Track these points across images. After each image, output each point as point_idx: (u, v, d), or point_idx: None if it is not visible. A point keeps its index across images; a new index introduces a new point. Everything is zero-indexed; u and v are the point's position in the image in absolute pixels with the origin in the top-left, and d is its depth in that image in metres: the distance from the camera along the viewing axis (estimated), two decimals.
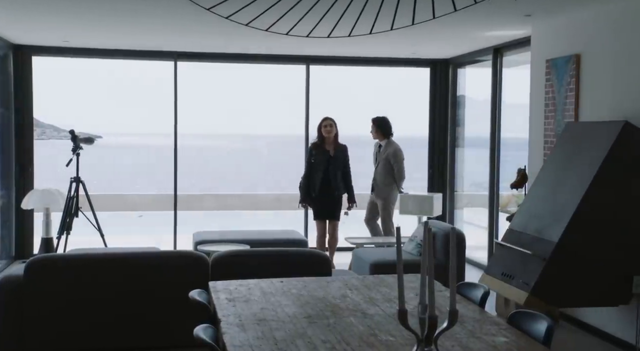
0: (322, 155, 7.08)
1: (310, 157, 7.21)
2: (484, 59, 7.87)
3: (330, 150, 7.11)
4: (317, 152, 7.14)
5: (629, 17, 4.82)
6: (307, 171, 7.20)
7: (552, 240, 4.34)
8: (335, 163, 7.08)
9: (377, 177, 7.54)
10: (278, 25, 3.26)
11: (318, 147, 7.15)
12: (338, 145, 7.15)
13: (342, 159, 7.14)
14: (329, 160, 7.07)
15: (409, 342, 2.44)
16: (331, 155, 7.09)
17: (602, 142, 4.46)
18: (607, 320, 4.95)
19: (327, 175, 7.05)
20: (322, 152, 7.10)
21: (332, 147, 7.11)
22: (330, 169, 7.05)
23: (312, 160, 7.15)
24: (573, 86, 5.44)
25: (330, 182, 7.05)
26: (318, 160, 7.10)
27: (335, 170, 7.07)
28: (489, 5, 4.31)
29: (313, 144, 7.26)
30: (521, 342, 2.56)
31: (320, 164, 7.06)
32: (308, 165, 7.22)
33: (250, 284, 3.47)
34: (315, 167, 7.10)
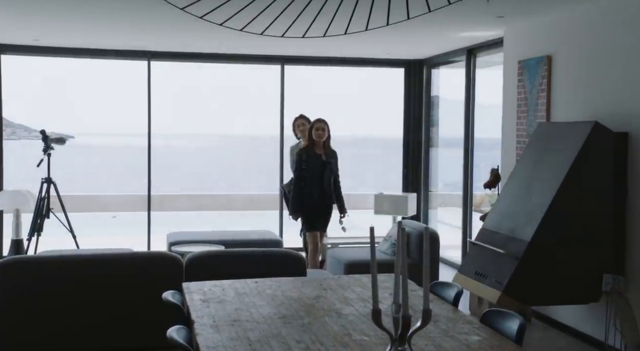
0: (315, 160, 6.33)
1: (300, 162, 6.35)
2: (457, 60, 7.93)
3: (322, 155, 6.38)
4: (308, 157, 6.35)
5: (598, 20, 4.90)
6: (299, 179, 6.36)
7: (524, 240, 4.39)
8: (328, 169, 6.38)
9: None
10: (253, 25, 3.24)
11: (309, 151, 6.37)
12: (329, 150, 6.46)
13: (334, 165, 6.46)
14: (323, 166, 6.35)
15: (383, 341, 2.45)
16: (324, 160, 6.36)
17: (573, 142, 4.53)
18: (577, 318, 5.02)
19: (322, 182, 6.33)
20: (314, 157, 6.34)
21: (323, 151, 6.39)
22: (324, 176, 6.34)
23: (303, 166, 6.32)
24: (545, 87, 5.51)
25: (325, 190, 6.35)
26: (310, 166, 6.33)
27: (329, 176, 6.38)
28: (462, 6, 4.34)
29: (302, 149, 6.42)
30: (494, 341, 2.58)
31: (314, 170, 6.31)
32: (299, 171, 6.35)
33: (224, 285, 3.45)
34: (309, 174, 6.31)
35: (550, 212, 4.37)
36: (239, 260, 4.53)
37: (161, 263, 4.39)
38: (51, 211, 6.91)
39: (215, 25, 3.29)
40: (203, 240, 6.79)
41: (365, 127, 20.84)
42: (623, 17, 4.62)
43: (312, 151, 6.37)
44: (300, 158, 6.36)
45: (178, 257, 4.46)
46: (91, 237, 8.49)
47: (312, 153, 6.36)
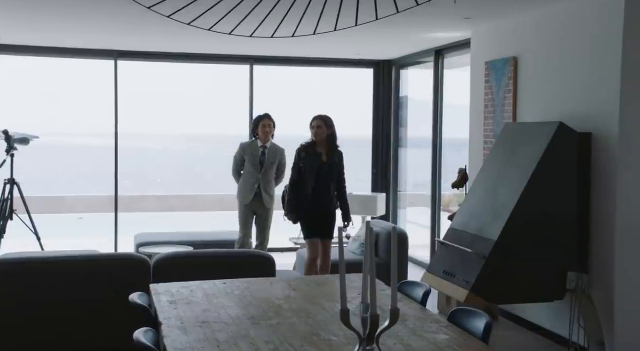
0: (314, 159, 5.75)
1: (298, 161, 5.82)
2: (425, 61, 8.00)
3: (323, 154, 5.79)
4: (307, 156, 5.77)
5: (563, 22, 4.98)
6: (295, 178, 5.81)
7: (491, 239, 4.44)
8: (330, 170, 5.77)
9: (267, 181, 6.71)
10: (221, 25, 3.22)
11: (308, 149, 5.79)
12: (333, 149, 5.81)
13: (337, 168, 5.85)
14: (321, 166, 5.75)
15: (352, 341, 2.46)
16: (323, 160, 5.76)
17: (538, 143, 4.59)
18: (543, 316, 5.10)
19: (320, 184, 5.74)
20: (314, 155, 5.76)
21: (325, 150, 5.79)
22: (323, 177, 5.74)
23: (301, 164, 5.78)
24: (511, 87, 5.59)
25: (323, 193, 5.75)
26: (309, 165, 5.74)
27: (329, 178, 5.77)
28: (430, 7, 4.38)
29: (302, 146, 5.85)
30: (461, 339, 2.61)
31: (313, 171, 5.73)
32: (296, 171, 5.82)
33: (192, 286, 3.42)
34: (306, 174, 5.75)
35: (516, 211, 4.42)
36: (207, 261, 4.50)
37: (128, 265, 4.34)
38: (14, 213, 6.77)
39: (183, 25, 3.26)
40: (171, 241, 6.74)
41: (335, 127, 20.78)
42: (586, 19, 4.70)
43: (312, 149, 5.78)
44: (299, 155, 5.81)
45: (145, 258, 4.41)
46: (56, 239, 8.35)
47: (312, 151, 5.78)
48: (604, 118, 4.48)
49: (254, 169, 6.57)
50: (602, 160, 4.50)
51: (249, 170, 6.60)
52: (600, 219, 4.52)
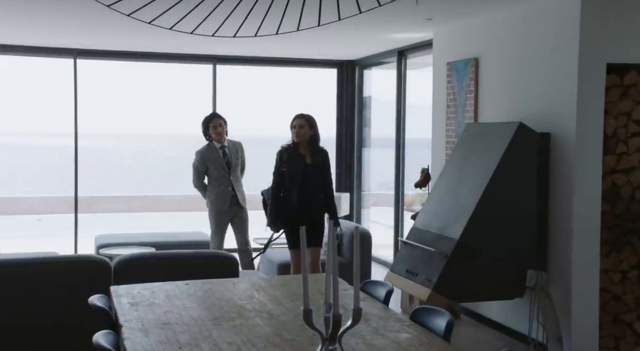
0: (297, 162, 5.31)
1: (280, 164, 5.36)
2: (388, 61, 8.05)
3: (307, 156, 5.35)
4: (290, 158, 5.33)
5: (522, 24, 5.06)
6: (278, 184, 5.37)
7: (453, 238, 4.49)
8: (315, 173, 5.33)
9: (236, 180, 6.47)
10: (183, 24, 3.19)
11: (290, 151, 5.36)
12: (317, 149, 5.39)
13: (323, 169, 5.41)
14: (305, 169, 5.31)
15: (315, 341, 2.46)
16: (307, 162, 5.33)
17: (499, 143, 4.66)
18: (503, 313, 5.17)
19: (305, 189, 5.28)
20: (297, 158, 5.32)
21: (309, 152, 5.35)
22: (308, 181, 5.29)
23: (284, 168, 5.33)
24: (472, 88, 5.66)
25: (310, 198, 5.31)
26: (292, 169, 5.30)
27: (315, 182, 5.33)
28: (392, 8, 4.41)
29: (283, 148, 5.39)
30: (423, 338, 2.63)
31: (296, 174, 5.28)
32: (278, 175, 5.37)
33: (154, 287, 3.38)
34: (290, 179, 5.31)
35: (477, 211, 4.48)
36: (169, 263, 4.44)
37: (88, 267, 4.26)
38: None
39: (144, 24, 3.22)
40: (133, 242, 6.65)
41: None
42: (545, 22, 4.79)
43: (294, 151, 5.34)
44: (280, 158, 5.36)
45: (106, 260, 4.34)
46: (14, 241, 8.18)
47: (295, 153, 5.33)
48: (562, 119, 4.57)
49: (222, 173, 6.29)
50: (561, 160, 4.59)
51: (217, 177, 6.29)
52: (559, 218, 4.61)
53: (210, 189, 6.36)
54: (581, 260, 4.46)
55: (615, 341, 4.58)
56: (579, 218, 4.46)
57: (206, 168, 6.33)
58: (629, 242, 4.56)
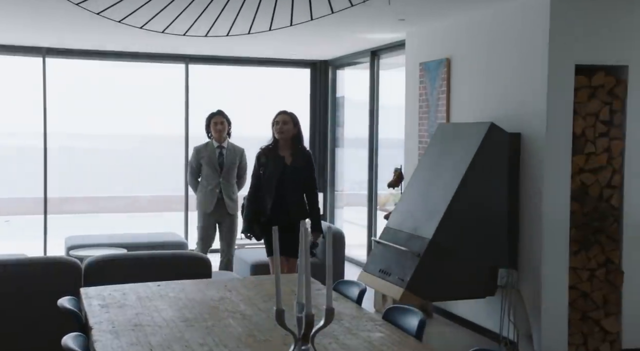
0: (276, 164, 4.91)
1: (258, 167, 4.99)
2: (361, 61, 8.07)
3: (287, 157, 4.94)
4: (268, 160, 4.95)
5: (494, 24, 5.12)
6: (255, 187, 5.00)
7: (425, 237, 4.51)
8: (294, 176, 4.91)
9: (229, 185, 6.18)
10: (154, 23, 3.16)
11: (270, 153, 4.97)
12: (299, 150, 4.98)
13: (305, 171, 4.98)
14: (284, 172, 4.90)
15: (287, 341, 2.45)
16: (286, 164, 4.92)
17: (471, 143, 4.70)
18: (475, 312, 5.22)
19: (282, 193, 4.88)
20: (276, 159, 4.93)
21: (289, 152, 4.95)
22: (286, 184, 4.89)
23: (261, 170, 4.96)
24: (444, 88, 5.70)
25: (289, 203, 4.88)
26: (269, 171, 4.92)
27: (294, 185, 4.91)
28: (365, 8, 4.42)
29: (262, 150, 5.01)
30: (395, 337, 2.64)
31: (275, 177, 4.89)
32: (256, 178, 5.00)
33: (125, 289, 3.35)
34: (266, 181, 4.92)
35: (449, 210, 4.52)
36: (141, 264, 4.40)
37: (58, 269, 4.19)
38: None
39: (115, 22, 3.19)
40: (104, 243, 6.56)
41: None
42: (516, 22, 4.85)
43: (273, 152, 4.95)
44: (258, 160, 4.99)
45: (76, 261, 4.28)
46: None
47: (274, 155, 4.94)
48: (532, 119, 4.63)
49: (213, 173, 6.06)
50: (531, 160, 4.64)
51: (207, 175, 6.08)
52: (529, 217, 4.66)
53: (199, 188, 6.17)
54: (551, 258, 4.52)
55: (584, 338, 4.65)
56: (549, 217, 4.52)
57: (200, 165, 6.13)
58: (597, 241, 4.64)
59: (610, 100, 4.62)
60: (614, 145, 4.62)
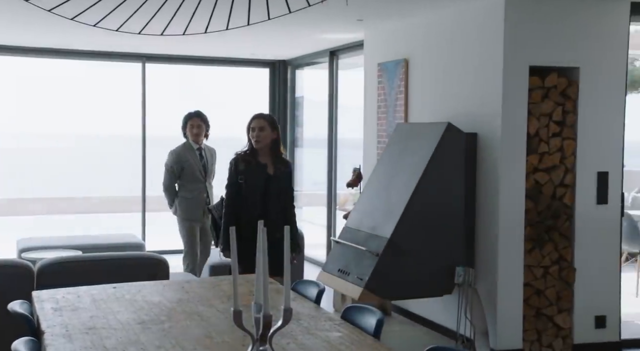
0: (257, 173, 4.37)
1: (236, 175, 4.38)
2: (320, 61, 8.09)
3: (268, 166, 4.42)
4: (248, 168, 4.38)
5: (451, 25, 5.18)
6: (233, 199, 4.38)
7: (384, 236, 4.54)
8: (278, 186, 4.42)
9: (211, 188, 5.92)
10: (109, 21, 3.11)
11: (249, 160, 4.39)
12: (280, 159, 4.48)
13: (286, 182, 4.50)
14: (268, 182, 4.38)
15: (245, 342, 2.44)
16: (269, 173, 4.40)
17: (428, 142, 4.75)
18: (433, 310, 5.28)
19: (266, 205, 4.35)
20: (257, 168, 4.38)
21: (270, 160, 4.42)
22: (270, 195, 4.38)
23: (240, 179, 4.37)
24: (402, 89, 5.75)
25: (272, 218, 4.24)
26: (251, 181, 4.36)
27: (278, 197, 4.42)
28: (323, 8, 4.41)
29: (240, 156, 4.41)
30: (354, 336, 2.65)
31: (256, 188, 4.35)
32: (233, 188, 4.38)
33: (79, 292, 3.28)
34: (249, 193, 4.36)
35: (407, 210, 4.55)
36: (96, 266, 4.32)
37: (9, 272, 4.09)
38: None
39: (67, 20, 3.12)
40: (58, 245, 6.42)
41: (232, 127, 20.65)
42: (471, 24, 4.92)
43: (253, 159, 4.39)
44: (236, 168, 4.38)
45: (29, 264, 4.18)
46: None
47: (254, 162, 4.38)
48: (488, 119, 4.70)
49: (198, 177, 5.71)
50: (487, 159, 4.72)
51: (190, 180, 5.69)
52: (486, 216, 4.74)
53: (183, 195, 5.72)
54: (506, 256, 4.60)
55: (538, 334, 4.74)
56: (504, 215, 4.59)
57: (182, 168, 5.71)
58: (550, 239, 4.74)
59: (563, 101, 4.72)
60: (566, 145, 4.72)
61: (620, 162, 4.83)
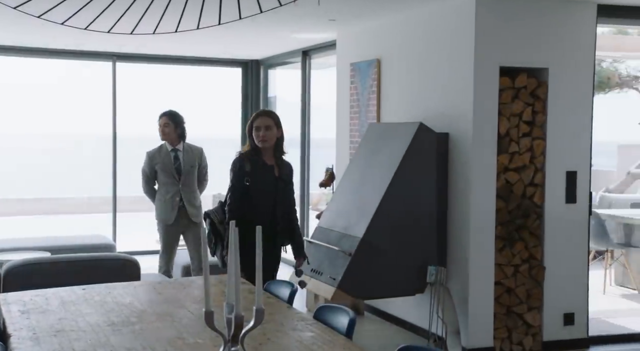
0: (265, 174, 4.01)
1: (241, 176, 3.98)
2: (293, 61, 8.08)
3: (275, 167, 4.07)
4: (254, 169, 4.00)
5: (421, 26, 5.21)
6: (236, 201, 3.99)
7: (357, 236, 4.56)
8: (285, 190, 4.11)
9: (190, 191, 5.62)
10: (77, 19, 3.07)
11: (255, 159, 4.02)
12: (282, 160, 4.15)
13: (288, 185, 4.18)
14: (275, 185, 4.04)
15: (217, 343, 2.42)
16: (276, 176, 4.06)
17: (400, 142, 4.78)
18: (405, 309, 5.30)
19: (275, 210, 4.04)
20: (263, 169, 4.02)
21: (275, 161, 4.07)
22: (277, 200, 4.05)
23: (247, 181, 3.97)
24: (375, 89, 5.77)
25: (278, 222, 4.06)
26: (259, 182, 3.99)
27: (284, 202, 4.12)
28: (295, 8, 4.42)
29: (244, 156, 4.04)
30: (326, 336, 2.65)
31: (265, 190, 4.00)
32: (239, 190, 3.99)
33: (48, 294, 3.23)
34: (258, 196, 3.99)
35: (380, 209, 4.57)
36: (66, 267, 4.27)
37: None
38: None
39: (34, 18, 3.07)
40: (26, 246, 6.33)
41: (205, 126, 20.54)
42: (443, 25, 4.95)
43: (259, 160, 4.02)
44: (241, 168, 3.99)
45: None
46: None
47: (261, 163, 4.01)
48: (459, 119, 4.74)
49: (170, 180, 5.51)
50: (458, 159, 4.76)
51: (164, 182, 5.52)
52: (457, 215, 4.78)
53: (158, 197, 5.57)
54: (478, 255, 4.64)
55: (508, 332, 4.80)
56: (475, 215, 4.64)
57: (154, 172, 5.55)
58: (520, 237, 4.79)
59: (533, 101, 4.78)
60: (536, 145, 4.78)
61: (588, 161, 4.91)
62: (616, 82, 10.41)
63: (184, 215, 5.52)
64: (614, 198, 8.87)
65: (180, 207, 5.51)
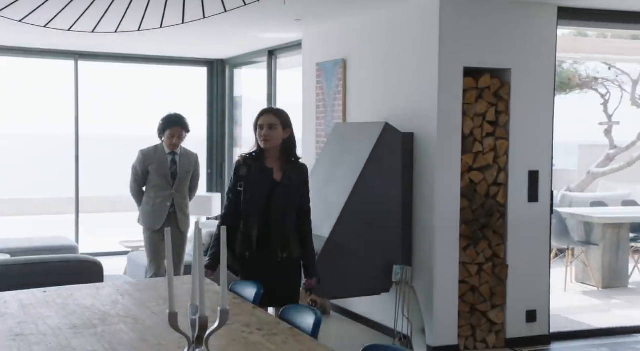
0: (262, 179, 3.59)
1: (236, 181, 3.65)
2: (259, 61, 8.05)
3: (275, 171, 3.63)
4: (251, 173, 3.62)
5: (386, 26, 5.24)
6: (231, 207, 3.64)
7: (323, 236, 4.56)
8: (286, 196, 3.61)
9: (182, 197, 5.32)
10: (36, 17, 3.01)
11: (253, 162, 3.64)
12: (291, 162, 3.68)
13: (298, 191, 3.67)
14: (272, 190, 3.58)
15: (182, 344, 2.40)
16: (275, 179, 3.61)
17: (366, 142, 4.80)
18: (371, 308, 5.33)
19: (268, 220, 3.58)
20: (261, 173, 3.60)
21: (279, 164, 3.63)
22: (273, 208, 3.58)
23: (240, 186, 3.63)
24: (341, 89, 5.78)
25: (278, 232, 3.59)
26: (251, 189, 3.60)
27: (285, 210, 3.61)
28: (260, 8, 4.39)
29: (243, 158, 3.68)
30: (291, 336, 2.64)
31: (259, 196, 3.58)
32: (234, 197, 3.64)
33: (6, 297, 3.16)
34: (248, 203, 3.60)
35: (346, 209, 4.58)
36: (26, 269, 4.19)
37: None
38: None
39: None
40: None
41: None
42: (408, 25, 4.99)
43: (258, 163, 3.63)
44: (237, 172, 3.65)
45: None
46: None
47: (259, 166, 3.62)
48: (424, 119, 4.78)
49: (163, 183, 5.17)
50: (423, 159, 4.79)
51: (156, 185, 5.17)
52: (422, 214, 4.81)
53: (146, 200, 5.22)
54: (442, 254, 4.69)
55: (472, 330, 4.86)
56: (440, 214, 4.68)
57: (147, 171, 5.20)
58: (484, 236, 4.85)
59: (496, 101, 4.85)
60: (499, 145, 4.85)
61: (549, 161, 5.00)
62: (577, 83, 10.62)
63: (172, 221, 5.15)
64: (574, 197, 9.06)
65: (170, 213, 5.19)
